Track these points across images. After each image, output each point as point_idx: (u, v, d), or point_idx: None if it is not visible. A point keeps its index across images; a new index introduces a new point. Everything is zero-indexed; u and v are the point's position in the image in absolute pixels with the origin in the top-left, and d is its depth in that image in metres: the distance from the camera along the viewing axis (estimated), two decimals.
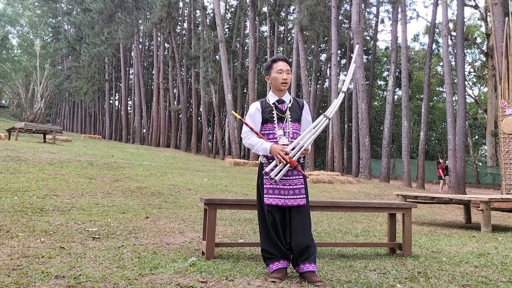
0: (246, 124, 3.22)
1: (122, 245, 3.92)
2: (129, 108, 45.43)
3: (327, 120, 3.19)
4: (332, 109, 3.25)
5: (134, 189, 8.33)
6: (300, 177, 3.19)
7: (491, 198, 6.67)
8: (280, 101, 3.29)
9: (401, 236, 4.28)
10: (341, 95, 3.34)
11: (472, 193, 18.00)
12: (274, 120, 3.22)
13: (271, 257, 3.11)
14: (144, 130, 39.23)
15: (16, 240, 3.87)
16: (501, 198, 7.08)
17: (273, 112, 3.24)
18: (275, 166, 3.06)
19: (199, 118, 37.60)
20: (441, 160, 20.48)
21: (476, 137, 40.69)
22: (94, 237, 4.21)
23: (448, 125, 17.65)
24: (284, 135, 3.19)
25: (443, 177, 19.06)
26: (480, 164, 38.43)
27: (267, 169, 3.06)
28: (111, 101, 46.78)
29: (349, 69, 3.56)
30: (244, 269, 3.25)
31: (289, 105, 3.29)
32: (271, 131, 3.22)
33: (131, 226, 4.93)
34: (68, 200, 6.59)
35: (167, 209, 6.68)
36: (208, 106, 33.76)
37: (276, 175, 3.03)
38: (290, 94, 3.40)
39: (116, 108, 47.47)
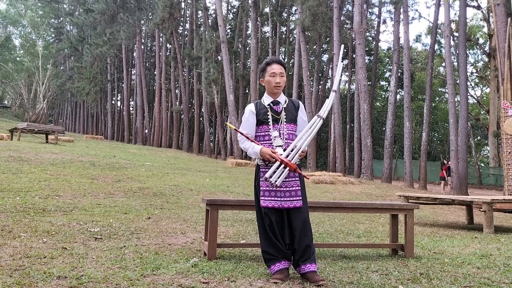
0: (241, 133, 3.22)
1: (124, 246, 3.92)
2: (131, 108, 45.49)
3: (321, 120, 3.19)
4: (325, 109, 3.24)
5: (136, 189, 8.34)
6: (296, 179, 3.18)
7: (494, 199, 6.65)
8: (275, 102, 3.29)
9: (403, 237, 4.28)
10: (332, 94, 3.33)
11: (474, 194, 17.96)
12: (269, 122, 3.22)
13: (272, 258, 3.11)
14: (146, 131, 39.26)
15: (19, 240, 3.88)
16: (504, 199, 7.05)
17: (268, 113, 3.24)
18: (275, 170, 3.05)
19: (201, 119, 37.62)
20: (445, 161, 20.47)
21: (479, 138, 40.57)
22: (96, 238, 4.22)
23: (450, 126, 17.62)
24: (279, 137, 3.19)
25: (446, 177, 19.04)
26: (482, 165, 38.34)
27: (267, 174, 3.04)
28: (113, 102, 46.86)
29: (337, 69, 3.56)
30: (246, 270, 3.25)
31: (284, 106, 3.29)
32: (266, 133, 3.22)
33: (133, 227, 4.93)
34: (70, 201, 6.60)
35: (169, 209, 6.68)
36: (210, 106, 33.76)
37: (277, 179, 3.02)
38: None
39: (118, 108, 47.55)
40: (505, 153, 11.45)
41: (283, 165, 3.03)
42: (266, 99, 3.32)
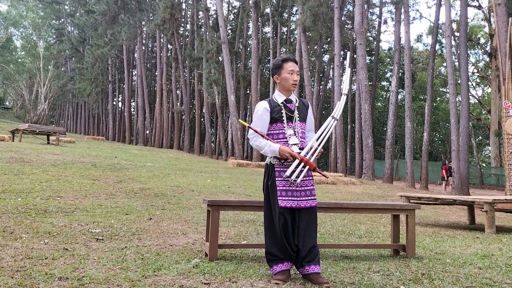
0: (255, 131, 3.20)
1: (126, 247, 3.92)
2: (132, 109, 45.53)
3: (336, 121, 3.25)
4: (338, 111, 3.28)
5: (137, 190, 8.34)
6: (310, 178, 3.20)
7: (495, 199, 6.64)
8: (288, 101, 3.29)
9: (404, 238, 4.27)
10: (343, 97, 3.37)
11: (476, 194, 17.93)
12: (284, 120, 3.22)
13: (275, 259, 3.10)
14: (147, 131, 39.27)
15: (20, 241, 3.88)
16: (505, 199, 7.04)
17: (282, 111, 3.23)
18: (294, 169, 3.04)
19: (202, 119, 37.62)
20: (446, 161, 20.46)
21: (480, 137, 40.55)
22: (97, 239, 4.22)
23: (451, 125, 17.60)
24: (294, 135, 3.20)
25: (446, 178, 19.02)
26: (484, 165, 38.30)
27: (287, 173, 3.03)
28: (114, 103, 46.90)
29: (345, 74, 3.59)
30: (247, 271, 3.25)
31: (297, 105, 3.31)
32: (280, 131, 3.21)
33: (134, 228, 4.93)
34: (71, 202, 6.60)
35: (170, 210, 6.68)
36: (211, 107, 33.79)
37: (297, 178, 3.03)
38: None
39: (120, 109, 47.58)
40: (507, 153, 11.43)
41: (302, 164, 3.04)
42: (279, 97, 3.29)
